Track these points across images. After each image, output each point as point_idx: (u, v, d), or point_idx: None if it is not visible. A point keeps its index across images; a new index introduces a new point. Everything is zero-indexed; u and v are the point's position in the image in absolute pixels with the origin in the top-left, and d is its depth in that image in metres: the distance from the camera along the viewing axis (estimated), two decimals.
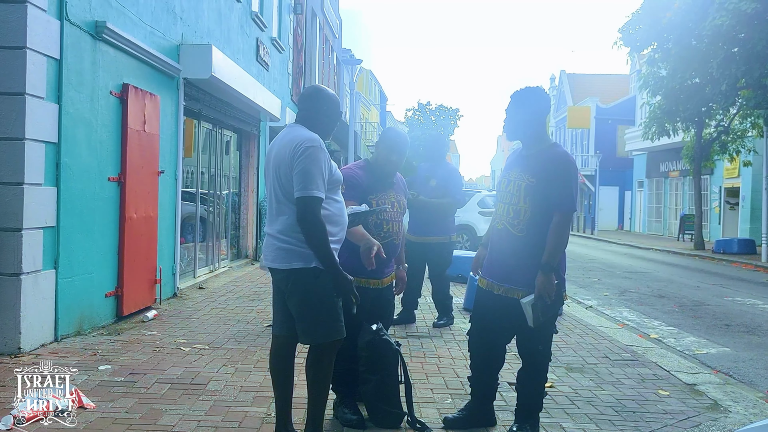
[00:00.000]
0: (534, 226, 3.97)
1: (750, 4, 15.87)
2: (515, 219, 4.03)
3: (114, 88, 7.14)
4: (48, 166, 5.99)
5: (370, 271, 4.22)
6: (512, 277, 4.05)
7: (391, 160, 4.57)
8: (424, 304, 8.85)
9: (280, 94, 14.70)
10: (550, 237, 3.92)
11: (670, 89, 21.23)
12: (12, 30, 5.64)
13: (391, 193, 4.59)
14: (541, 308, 3.92)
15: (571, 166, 4.01)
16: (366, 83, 48.92)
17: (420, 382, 5.23)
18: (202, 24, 10.02)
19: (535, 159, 4.03)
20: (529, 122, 4.10)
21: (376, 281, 4.41)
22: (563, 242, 3.95)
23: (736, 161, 24.57)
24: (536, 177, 3.97)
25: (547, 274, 3.89)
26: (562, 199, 3.92)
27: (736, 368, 6.50)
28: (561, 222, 3.92)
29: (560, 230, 3.92)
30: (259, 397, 4.73)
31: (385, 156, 4.57)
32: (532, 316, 3.92)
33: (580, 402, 4.92)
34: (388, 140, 4.61)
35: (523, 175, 4.03)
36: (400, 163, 4.61)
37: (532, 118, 4.09)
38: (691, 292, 12.24)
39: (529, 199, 3.98)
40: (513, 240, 4.04)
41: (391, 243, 4.49)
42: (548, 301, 3.92)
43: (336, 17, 28.88)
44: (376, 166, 4.62)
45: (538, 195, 3.95)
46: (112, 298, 7.19)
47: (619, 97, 44.76)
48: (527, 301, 3.93)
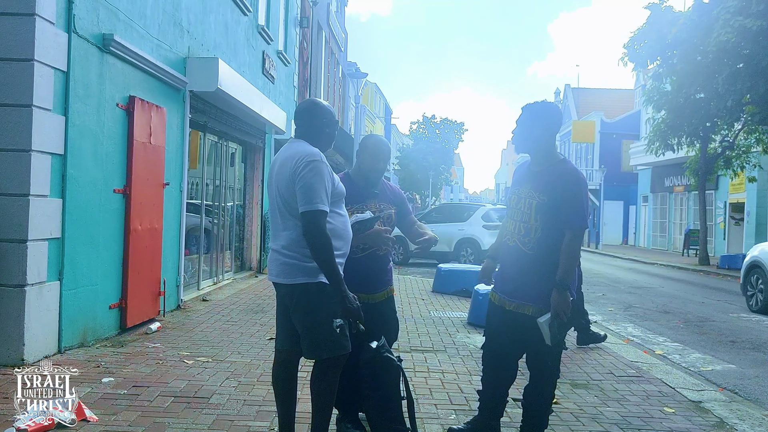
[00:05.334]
0: (544, 243, 3.97)
1: (755, 22, 15.91)
2: (526, 237, 4.02)
3: (120, 100, 7.17)
4: (54, 178, 6.01)
5: (359, 284, 4.09)
6: (523, 293, 4.04)
7: (377, 168, 4.37)
8: (420, 320, 8.83)
9: (285, 107, 14.75)
10: (563, 255, 3.91)
11: (675, 104, 21.24)
12: (20, 42, 5.67)
13: (374, 204, 4.36)
14: (558, 327, 3.93)
15: (581, 183, 4.00)
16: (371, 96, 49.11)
17: (423, 397, 5.21)
18: (208, 37, 10.07)
19: (546, 176, 4.01)
20: (540, 137, 4.07)
21: (366, 296, 4.19)
22: (576, 259, 3.95)
23: (741, 176, 24.53)
24: (547, 195, 3.96)
25: (561, 292, 3.88)
26: (573, 217, 3.92)
27: (742, 385, 6.46)
28: (573, 239, 3.92)
29: (572, 248, 3.92)
30: (263, 411, 4.71)
31: (368, 163, 4.37)
32: (549, 334, 3.92)
33: (585, 419, 4.89)
34: (370, 147, 4.40)
35: (534, 193, 4.02)
36: (384, 169, 4.44)
37: (544, 133, 4.07)
38: (696, 307, 12.18)
39: (540, 216, 3.97)
40: (523, 257, 4.04)
41: (373, 255, 4.28)
42: (564, 319, 3.91)
43: (342, 31, 29.04)
44: (357, 176, 4.42)
45: (549, 213, 3.95)
46: (116, 309, 7.18)
47: (624, 111, 44.84)
48: (544, 320, 3.92)
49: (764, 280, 11.62)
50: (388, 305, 4.50)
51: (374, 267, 4.31)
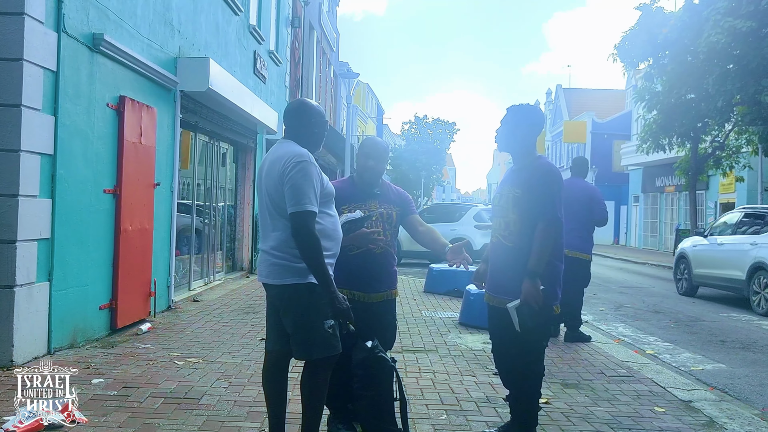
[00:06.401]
0: (523, 235, 4.08)
1: (745, 23, 15.98)
2: (506, 230, 4.18)
3: (111, 100, 7.14)
4: (43, 178, 5.98)
5: (356, 283, 4.14)
6: (504, 288, 4.15)
7: (368, 166, 4.39)
8: (412, 320, 8.83)
9: (277, 107, 14.72)
10: (534, 243, 4.00)
11: (666, 104, 21.31)
12: (9, 42, 5.64)
13: (374, 203, 4.38)
14: (528, 313, 3.95)
15: (551, 176, 4.13)
16: (363, 96, 49.08)
17: (415, 398, 5.20)
18: (199, 37, 10.04)
19: (523, 172, 4.19)
20: (524, 137, 4.24)
21: (362, 294, 4.21)
22: (547, 248, 4.01)
23: (731, 176, 24.64)
24: (521, 188, 4.13)
25: (531, 279, 3.95)
26: (544, 208, 4.03)
27: (732, 385, 6.48)
28: (544, 229, 4.00)
29: (543, 237, 4.00)
30: (253, 412, 4.70)
31: (362, 162, 4.44)
32: (518, 320, 3.97)
33: (575, 419, 4.90)
34: (364, 147, 4.49)
35: (512, 188, 4.20)
36: (379, 168, 4.43)
37: (526, 132, 4.24)
38: (687, 307, 12.23)
39: (517, 209, 4.12)
40: (505, 250, 4.17)
41: (371, 253, 4.26)
42: (535, 306, 3.94)
43: (333, 31, 29.01)
44: (358, 177, 4.49)
45: (525, 206, 4.09)
46: (106, 310, 7.15)
47: (616, 112, 44.95)
48: (513, 305, 3.99)
49: (688, 269, 14.07)
50: (388, 309, 4.42)
51: (370, 266, 4.26)
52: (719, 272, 13.07)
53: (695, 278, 13.86)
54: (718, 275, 13.15)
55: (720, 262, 13.12)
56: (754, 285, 11.78)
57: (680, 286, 14.45)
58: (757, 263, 11.76)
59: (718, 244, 13.41)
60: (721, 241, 13.36)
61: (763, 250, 11.77)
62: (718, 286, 13.39)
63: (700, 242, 14.09)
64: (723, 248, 13.14)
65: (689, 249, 14.34)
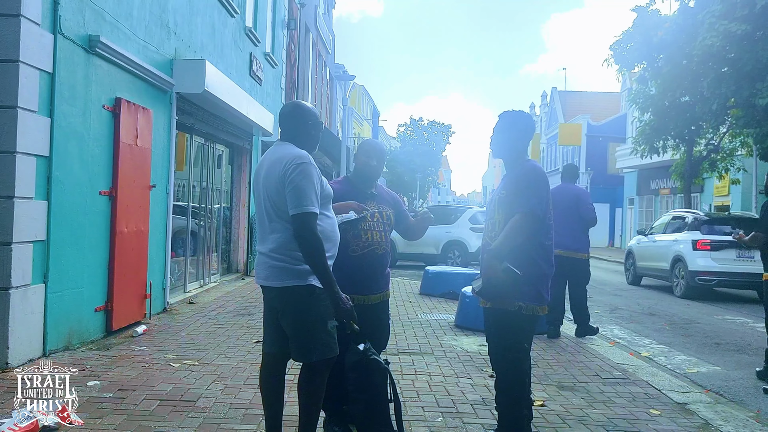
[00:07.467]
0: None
1: (740, 26, 16.01)
2: (492, 231, 4.26)
3: (107, 102, 7.14)
4: (39, 180, 5.97)
5: (357, 286, 4.16)
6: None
7: (371, 165, 4.47)
8: (407, 322, 8.83)
9: (272, 109, 14.71)
10: (505, 229, 4.07)
11: (660, 107, 21.35)
12: (5, 43, 5.64)
13: (372, 204, 4.43)
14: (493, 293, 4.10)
15: (534, 174, 4.20)
16: (359, 99, 49.09)
17: (411, 400, 5.21)
18: (195, 39, 10.04)
19: (511, 175, 4.29)
20: (514, 143, 4.33)
21: (362, 297, 4.24)
22: (514, 236, 4.04)
23: (726, 179, 24.70)
24: (506, 189, 4.22)
25: (491, 259, 4.04)
26: (520, 200, 4.09)
27: (727, 387, 6.50)
28: (518, 220, 4.06)
29: (514, 226, 4.05)
30: (249, 415, 4.70)
31: (364, 161, 4.49)
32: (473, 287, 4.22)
33: (571, 421, 4.90)
34: (366, 148, 4.56)
35: (500, 191, 4.31)
36: (380, 168, 4.53)
37: (518, 140, 4.34)
38: (682, 309, 12.26)
39: (502, 209, 4.21)
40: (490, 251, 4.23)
41: (372, 253, 4.31)
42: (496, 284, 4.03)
43: (329, 33, 29.03)
44: (355, 178, 4.55)
45: (509, 206, 4.16)
46: (101, 312, 7.14)
47: (611, 114, 45.04)
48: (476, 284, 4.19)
49: (633, 263, 16.95)
50: (383, 309, 4.49)
51: (372, 267, 4.32)
52: (654, 264, 15.75)
53: (638, 270, 16.64)
54: (653, 267, 15.80)
55: (654, 256, 15.80)
56: (675, 273, 14.58)
57: (627, 276, 17.36)
58: (676, 256, 14.49)
59: (653, 241, 16.11)
60: (656, 239, 16.02)
61: (681, 245, 14.43)
62: (654, 275, 15.94)
63: (643, 240, 16.83)
64: (656, 244, 15.86)
65: (635, 246, 17.27)
